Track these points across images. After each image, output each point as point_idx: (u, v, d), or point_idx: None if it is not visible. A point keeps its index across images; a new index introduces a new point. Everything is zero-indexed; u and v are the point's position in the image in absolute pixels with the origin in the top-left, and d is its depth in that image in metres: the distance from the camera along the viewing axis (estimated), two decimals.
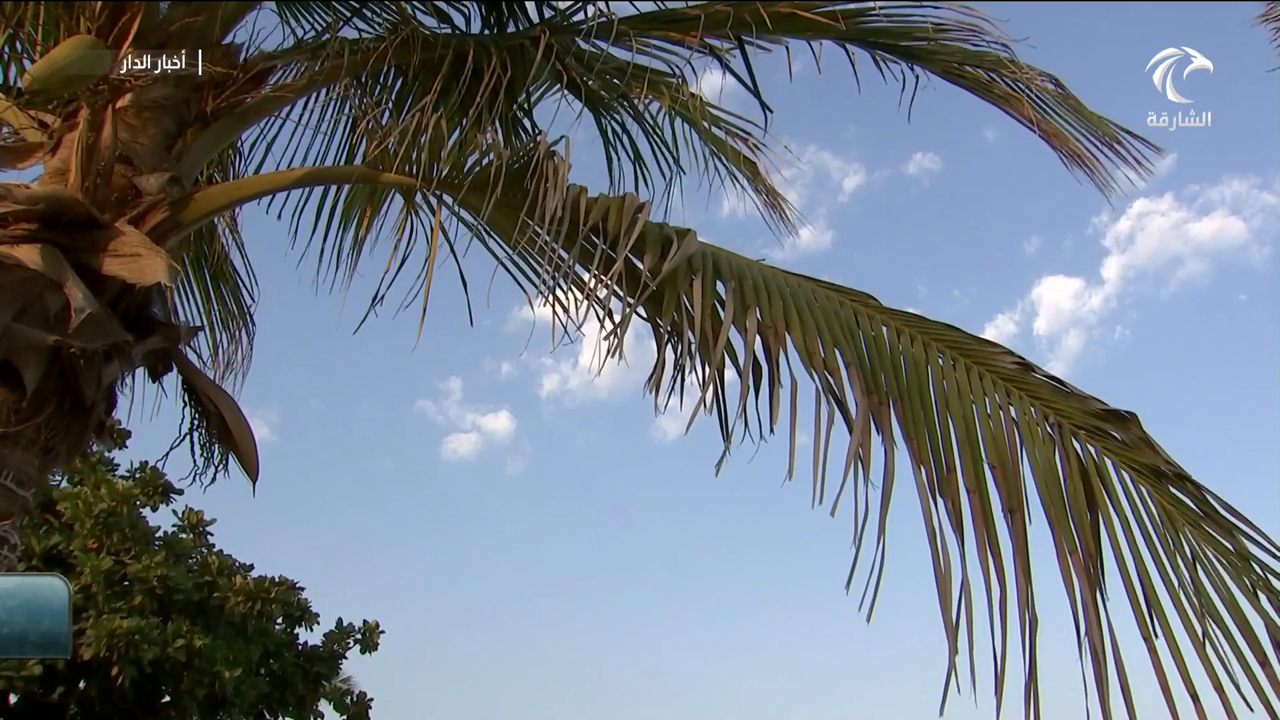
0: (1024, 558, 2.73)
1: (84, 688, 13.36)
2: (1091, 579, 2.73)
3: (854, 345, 3.44)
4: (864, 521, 2.72)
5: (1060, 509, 2.90)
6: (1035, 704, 2.49)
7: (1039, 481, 3.02)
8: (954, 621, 2.56)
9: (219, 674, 12.73)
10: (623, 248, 3.38)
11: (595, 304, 3.89)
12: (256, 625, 14.21)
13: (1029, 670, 2.52)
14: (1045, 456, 3.09)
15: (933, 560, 2.70)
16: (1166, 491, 3.11)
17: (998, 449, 3.09)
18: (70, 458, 3.92)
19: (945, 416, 3.21)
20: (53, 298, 3.57)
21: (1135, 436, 3.29)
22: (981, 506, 2.89)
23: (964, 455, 3.07)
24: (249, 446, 4.17)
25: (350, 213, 5.47)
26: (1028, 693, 2.50)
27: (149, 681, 12.95)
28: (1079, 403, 3.42)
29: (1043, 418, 3.28)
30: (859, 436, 2.95)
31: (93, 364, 3.71)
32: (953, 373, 3.39)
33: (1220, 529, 3.00)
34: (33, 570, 12.83)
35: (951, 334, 3.62)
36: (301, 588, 15.05)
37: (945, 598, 2.62)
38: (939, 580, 2.65)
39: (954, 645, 2.46)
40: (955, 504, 2.90)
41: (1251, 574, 2.89)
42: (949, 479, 2.96)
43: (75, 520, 13.34)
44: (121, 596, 12.80)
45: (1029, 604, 2.65)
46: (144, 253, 3.59)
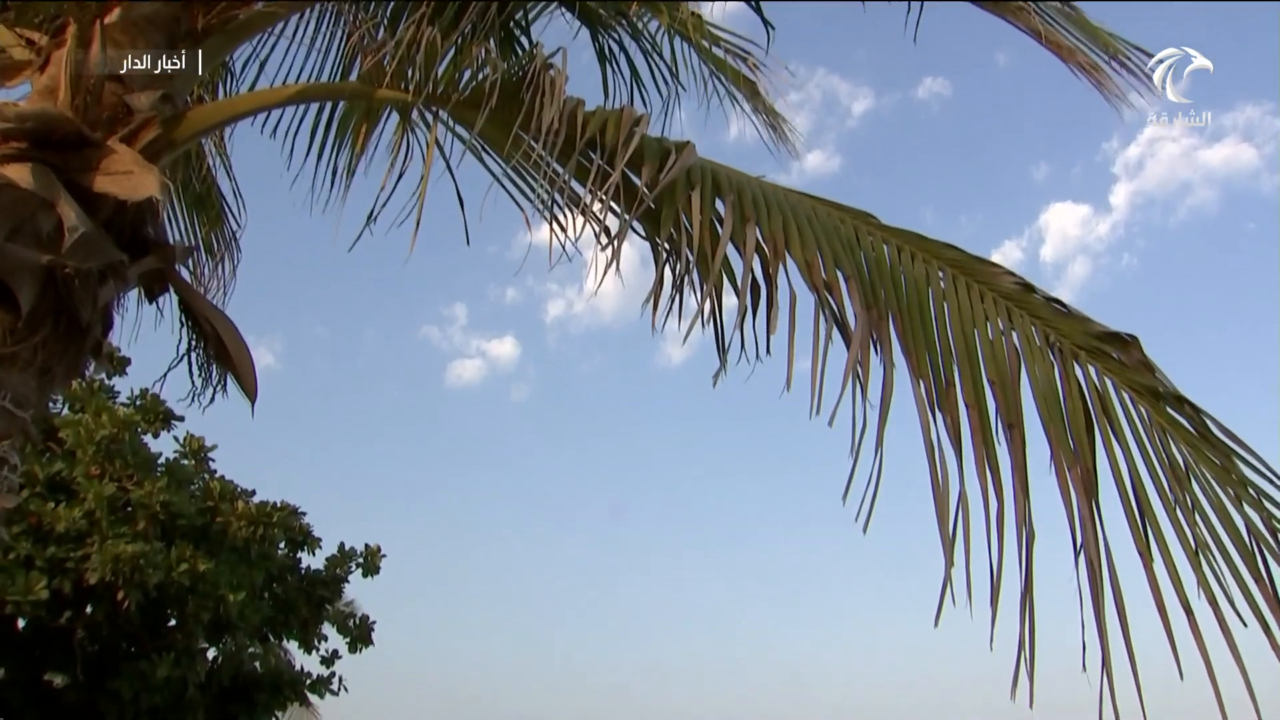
0: (1022, 473, 2.73)
1: (91, 612, 13.49)
2: (1089, 495, 2.73)
3: (854, 261, 3.41)
4: (861, 434, 2.72)
5: (1059, 426, 2.89)
6: (1031, 617, 2.51)
7: (1038, 398, 3.01)
8: (951, 535, 2.56)
9: (223, 598, 12.86)
10: (620, 161, 3.34)
11: (592, 220, 3.86)
12: (259, 550, 14.33)
13: (1025, 584, 2.53)
14: (1045, 374, 3.08)
15: (930, 475, 2.70)
16: (1164, 412, 3.10)
17: (997, 365, 3.08)
18: (68, 379, 3.91)
19: (944, 332, 3.19)
20: (45, 217, 3.54)
21: (1135, 359, 3.28)
22: (980, 422, 2.89)
23: (963, 371, 3.06)
24: (247, 367, 4.16)
25: (345, 131, 5.40)
26: (1023, 606, 2.51)
27: (154, 606, 13.08)
28: (1079, 324, 3.41)
29: (1043, 337, 3.26)
30: (857, 349, 2.94)
31: (88, 284, 3.69)
32: (953, 290, 3.37)
33: (1216, 450, 3.00)
34: (37, 496, 12.91)
35: (951, 253, 3.59)
36: (303, 513, 15.16)
37: (943, 512, 2.62)
38: (936, 495, 2.65)
39: (950, 559, 2.47)
40: (954, 419, 2.89)
41: (1246, 494, 2.90)
42: (948, 394, 2.95)
43: (77, 447, 13.39)
44: (125, 522, 12.88)
45: (1026, 519, 2.65)
46: (136, 170, 3.55)
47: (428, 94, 4.24)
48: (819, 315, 3.23)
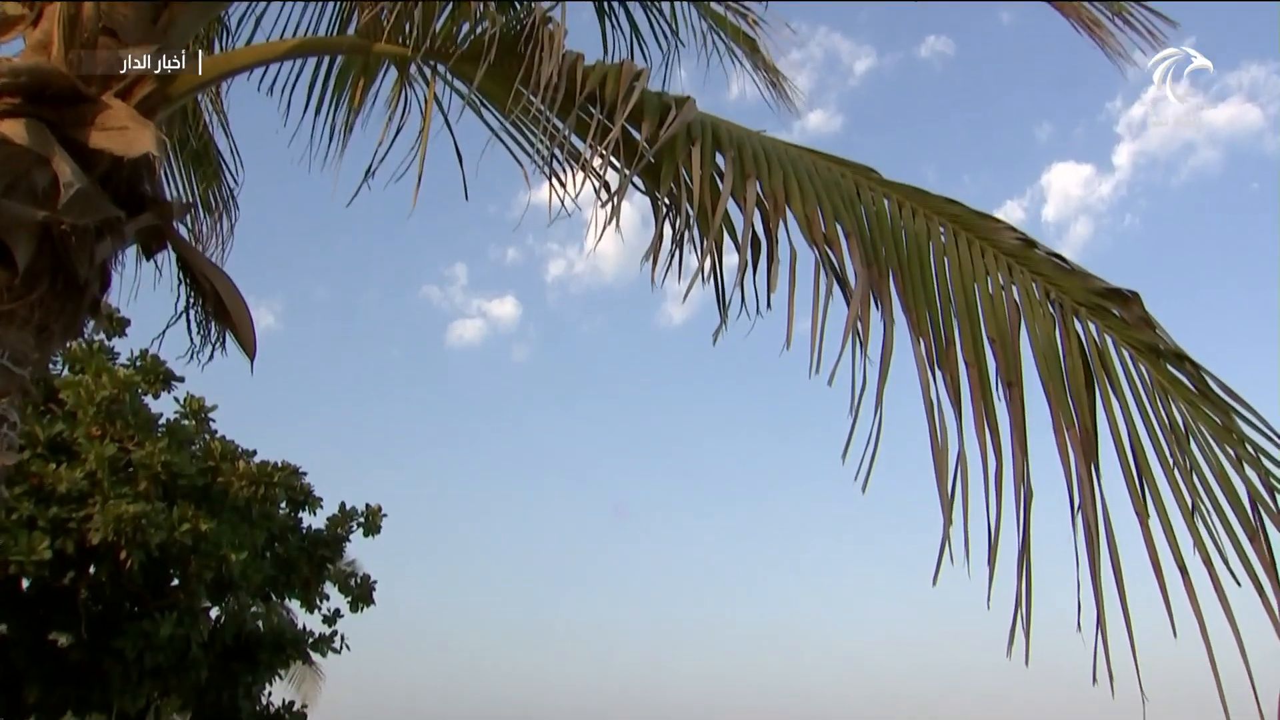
0: (1021, 431, 2.72)
1: (94, 572, 13.55)
2: (1087, 454, 2.72)
3: (854, 216, 3.39)
4: (861, 392, 2.70)
5: (1058, 384, 2.88)
6: (1028, 575, 2.50)
7: (1038, 356, 3.00)
8: (949, 494, 2.56)
9: (225, 557, 12.91)
10: (620, 116, 3.31)
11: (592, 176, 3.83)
12: (260, 509, 14.38)
13: (1022, 542, 2.53)
14: (1045, 332, 3.06)
15: (930, 433, 2.69)
16: (1164, 370, 3.09)
17: (997, 322, 3.06)
18: (66, 337, 3.90)
19: (945, 288, 3.17)
20: (40, 173, 3.52)
21: (1136, 315, 3.26)
22: (979, 380, 2.87)
23: (963, 328, 3.04)
24: (245, 324, 4.15)
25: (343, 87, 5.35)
26: (1021, 564, 2.51)
27: (157, 565, 13.14)
28: (1080, 280, 3.38)
29: (1044, 294, 3.24)
30: (857, 307, 2.92)
31: (85, 241, 3.67)
32: (953, 246, 3.35)
33: (1216, 408, 2.99)
34: (38, 457, 12.94)
35: (952, 208, 3.57)
36: (304, 472, 15.19)
37: (941, 470, 2.61)
38: (935, 453, 2.64)
39: (949, 517, 2.46)
40: (953, 377, 2.88)
41: (1245, 452, 2.89)
42: (948, 352, 2.94)
43: (78, 408, 13.41)
44: (126, 483, 12.92)
45: (1025, 477, 2.64)
46: (131, 125, 3.52)
47: (426, 48, 4.20)
48: (819, 272, 3.21)
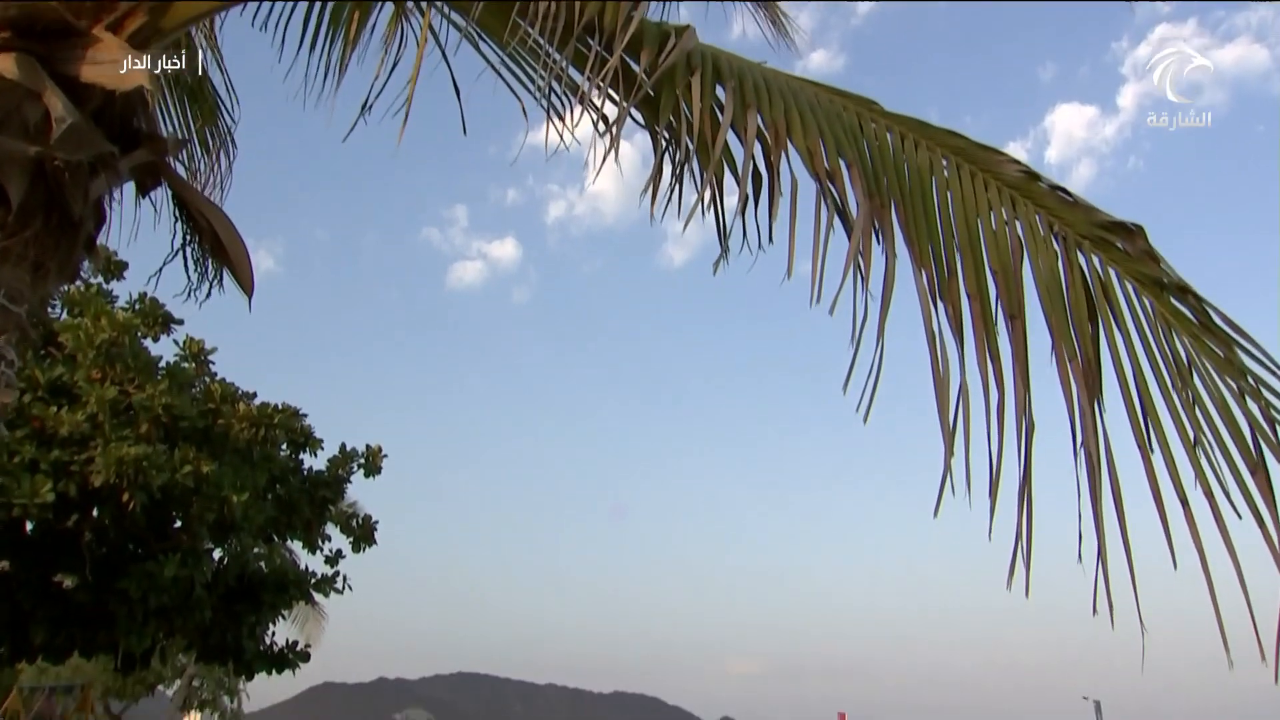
0: (1023, 364, 2.70)
1: (97, 515, 13.63)
2: (1090, 386, 2.71)
3: (856, 149, 3.35)
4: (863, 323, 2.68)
5: (1061, 316, 2.86)
6: (1029, 507, 2.50)
7: (1041, 289, 2.97)
8: (951, 425, 2.55)
9: (226, 499, 12.97)
10: (618, 45, 3.26)
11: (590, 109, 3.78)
12: (261, 451, 14.44)
13: (1024, 474, 2.52)
14: (1048, 264, 3.04)
15: (931, 364, 2.67)
16: (1168, 303, 3.07)
17: (1000, 254, 3.03)
18: (62, 275, 3.88)
19: (947, 220, 3.14)
20: (32, 108, 3.47)
21: (1140, 249, 3.23)
22: (982, 312, 2.85)
23: (965, 260, 3.02)
24: (243, 261, 4.12)
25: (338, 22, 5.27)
26: (1022, 496, 2.50)
27: (159, 508, 13.21)
28: (1084, 213, 3.35)
29: (1047, 226, 3.21)
30: (859, 236, 2.89)
31: (78, 177, 3.63)
32: (956, 178, 3.31)
33: (1219, 341, 2.97)
34: (39, 400, 12.95)
35: (955, 141, 3.53)
36: (304, 414, 15.22)
37: (943, 401, 2.60)
38: (937, 384, 2.63)
39: (950, 449, 2.45)
40: (955, 309, 2.86)
41: (1247, 385, 2.87)
42: (950, 283, 2.92)
43: (78, 351, 13.40)
44: (127, 425, 12.95)
45: (1027, 410, 2.63)
46: (123, 58, 3.47)
47: None
48: (820, 204, 3.18)
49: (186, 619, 14.02)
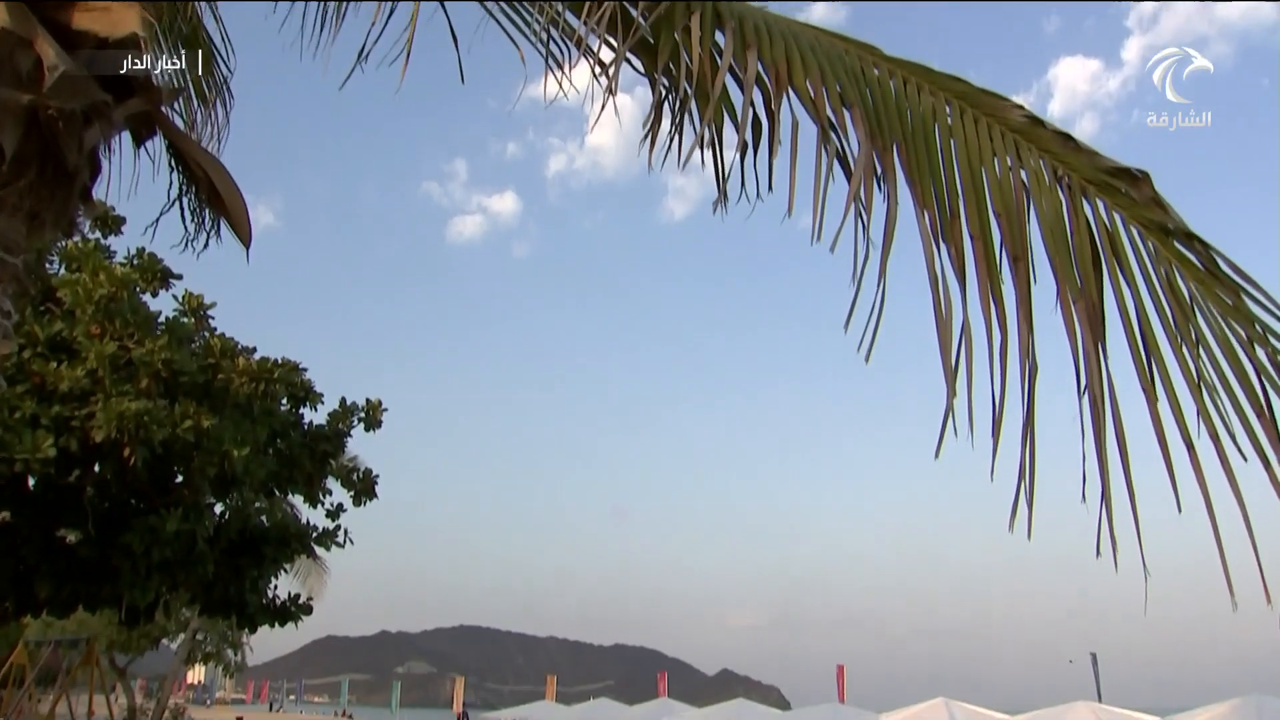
0: (1026, 305, 2.68)
1: (99, 470, 13.67)
2: (1095, 328, 2.69)
3: (858, 91, 3.31)
4: (864, 262, 2.66)
5: (1065, 259, 2.84)
6: (1032, 448, 2.49)
7: (1045, 232, 2.95)
8: (953, 366, 2.53)
9: (227, 453, 12.98)
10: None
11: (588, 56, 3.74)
12: (261, 405, 14.45)
13: (1027, 415, 2.51)
14: (1052, 207, 3.01)
15: (933, 305, 2.65)
16: (1173, 248, 3.04)
17: (1004, 197, 3.00)
18: (58, 226, 3.85)
19: (950, 164, 3.10)
20: (24, 56, 3.43)
21: (1145, 195, 3.20)
22: (985, 253, 2.83)
23: (969, 202, 2.99)
24: (240, 210, 4.09)
25: None
26: (1025, 438, 2.49)
27: (161, 463, 13.23)
28: (1089, 158, 3.32)
29: (1051, 171, 3.18)
30: (860, 175, 2.86)
31: (72, 126, 3.59)
32: (959, 123, 3.27)
33: (1225, 288, 2.95)
34: (39, 356, 12.95)
35: (959, 85, 3.48)
36: (304, 369, 15.20)
37: (945, 342, 2.58)
38: (939, 325, 2.60)
39: (952, 389, 2.43)
40: (958, 250, 2.83)
41: (1253, 331, 2.86)
42: (953, 225, 2.89)
43: (76, 306, 13.37)
44: (127, 380, 12.95)
45: (1030, 351, 2.61)
46: (115, 5, 3.43)
47: None
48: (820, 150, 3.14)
49: (189, 573, 14.09)
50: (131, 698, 42.17)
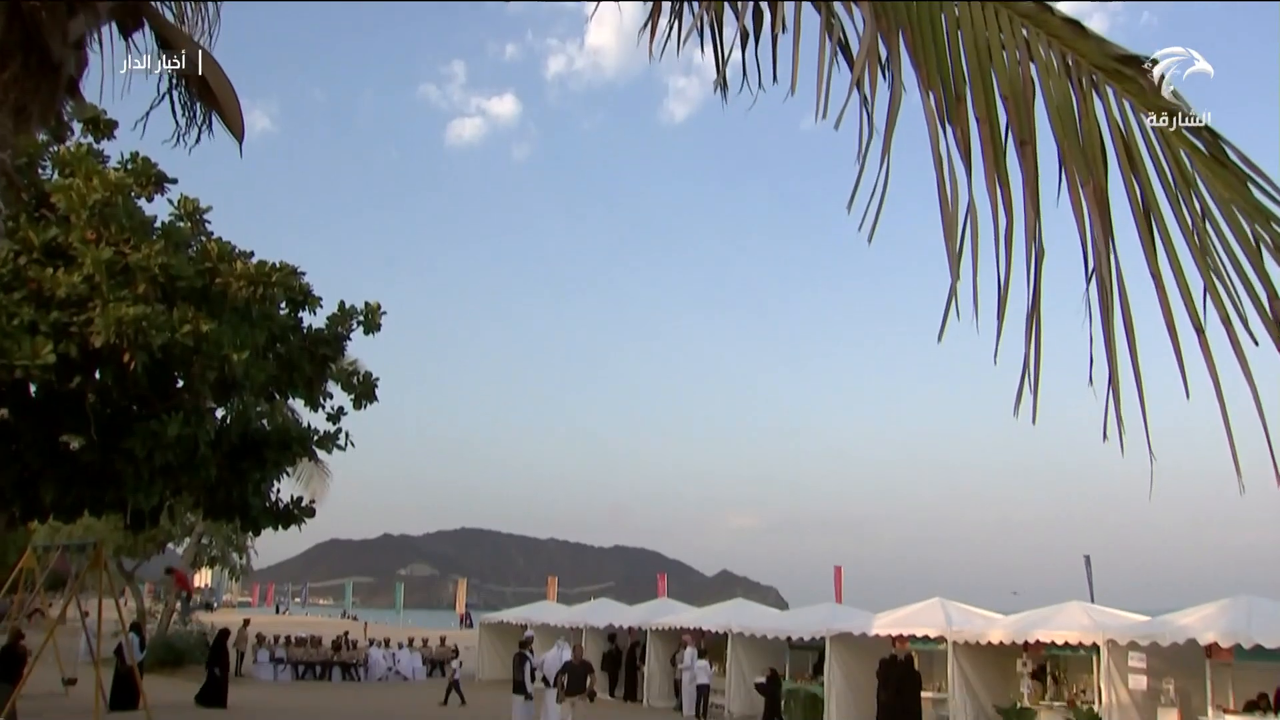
0: (1033, 190, 2.63)
1: (99, 376, 13.69)
2: (1103, 213, 2.65)
3: None
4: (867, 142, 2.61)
5: (1073, 143, 2.78)
6: (1037, 332, 2.46)
7: (1052, 116, 2.89)
8: (958, 249, 2.49)
9: (227, 357, 12.99)
10: None
11: None
12: (260, 310, 14.42)
13: (1032, 300, 2.47)
14: (1060, 91, 2.94)
15: (938, 187, 2.60)
16: (1183, 136, 2.99)
17: (1010, 81, 2.93)
18: (45, 120, 3.78)
19: (957, 46, 3.03)
20: None
21: (1154, 83, 3.14)
22: (991, 136, 2.77)
23: (975, 86, 2.92)
24: (232, 104, 4.02)
25: None
26: (1030, 321, 2.46)
27: (161, 367, 13.25)
28: (1097, 45, 3.25)
29: (1060, 57, 3.11)
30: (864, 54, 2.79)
31: (56, 17, 3.51)
32: (967, 6, 3.19)
33: (1233, 175, 2.91)
34: (35, 262, 12.88)
35: None
36: (302, 272, 15.13)
37: (950, 226, 2.53)
38: (944, 208, 2.56)
39: (956, 272, 2.40)
40: (964, 133, 2.77)
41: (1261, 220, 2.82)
42: (958, 107, 2.82)
43: (71, 212, 13.28)
44: (125, 286, 12.90)
45: (1036, 236, 2.57)
46: None
47: None
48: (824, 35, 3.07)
49: (192, 477, 14.20)
50: (140, 601, 42.84)
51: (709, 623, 29.32)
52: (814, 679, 26.75)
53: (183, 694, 27.50)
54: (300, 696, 29.35)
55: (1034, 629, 21.93)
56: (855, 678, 25.86)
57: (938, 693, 24.10)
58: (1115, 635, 20.30)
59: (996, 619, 23.88)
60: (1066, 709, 21.64)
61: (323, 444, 16.13)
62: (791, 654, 28.12)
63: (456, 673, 31.76)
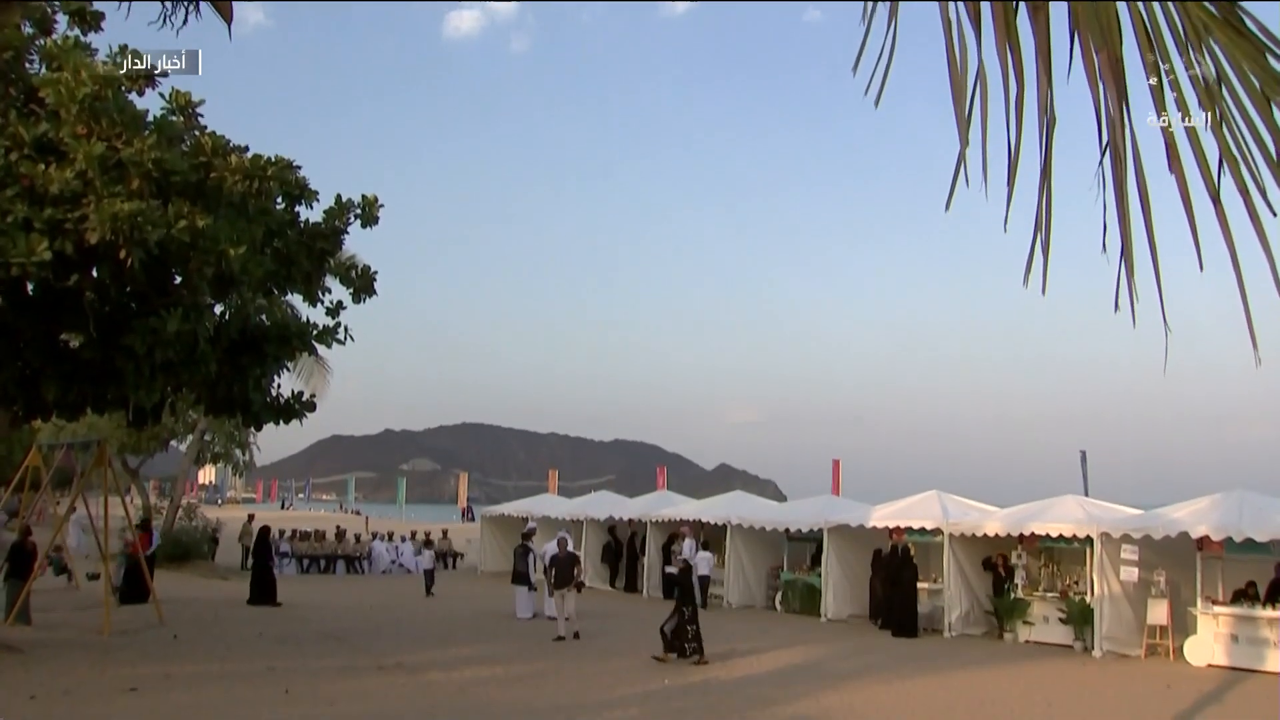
0: (1045, 55, 2.57)
1: (96, 273, 13.63)
2: (1118, 82, 2.59)
3: None
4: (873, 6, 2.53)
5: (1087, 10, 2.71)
6: (1048, 199, 2.42)
7: None
8: (966, 114, 2.43)
9: (224, 252, 12.92)
10: None
11: None
12: (256, 204, 14.30)
13: (1043, 166, 2.42)
14: None
15: (946, 54, 2.53)
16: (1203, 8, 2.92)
17: None
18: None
19: None
20: None
21: None
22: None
23: None
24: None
25: None
26: (1041, 188, 2.42)
27: (157, 264, 13.19)
28: None
29: None
30: None
31: None
32: None
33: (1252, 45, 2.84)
34: (26, 158, 12.72)
35: None
36: (298, 166, 14.95)
37: (958, 90, 2.46)
38: (952, 73, 2.49)
39: (965, 138, 2.34)
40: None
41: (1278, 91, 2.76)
42: None
43: (60, 107, 13.08)
44: (118, 181, 12.76)
45: (1048, 104, 2.52)
46: None
47: None
48: None
49: (192, 373, 14.23)
50: (146, 498, 43.32)
51: (708, 515, 29.67)
52: (812, 570, 27.17)
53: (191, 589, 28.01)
54: (312, 590, 29.84)
55: (1029, 522, 22.20)
56: (852, 569, 26.28)
57: (933, 584, 24.50)
58: (1109, 528, 20.56)
59: (992, 512, 24.15)
60: (1059, 600, 22.01)
61: (322, 338, 16.09)
62: (790, 545, 28.50)
63: (431, 562, 32.73)
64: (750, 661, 18.21)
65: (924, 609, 23.97)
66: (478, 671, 16.36)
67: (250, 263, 13.38)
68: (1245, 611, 18.97)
